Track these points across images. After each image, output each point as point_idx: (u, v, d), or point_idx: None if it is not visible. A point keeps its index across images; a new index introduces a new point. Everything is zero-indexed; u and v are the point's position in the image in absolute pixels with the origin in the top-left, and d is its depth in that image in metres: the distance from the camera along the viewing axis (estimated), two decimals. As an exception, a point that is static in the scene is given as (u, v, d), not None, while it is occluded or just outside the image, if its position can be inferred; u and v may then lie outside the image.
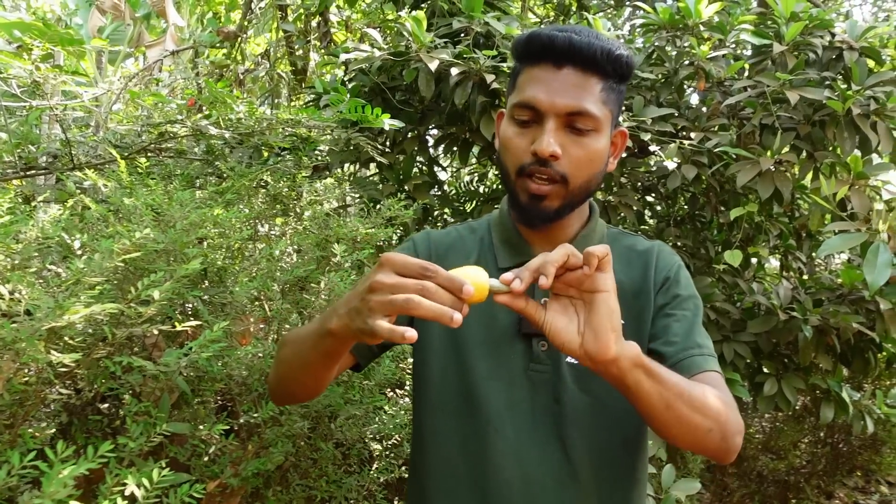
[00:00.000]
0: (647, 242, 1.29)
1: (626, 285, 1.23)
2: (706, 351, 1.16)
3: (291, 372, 1.15)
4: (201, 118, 2.37)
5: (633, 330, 1.21)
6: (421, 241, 1.32)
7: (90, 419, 1.59)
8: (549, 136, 1.12)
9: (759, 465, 3.96)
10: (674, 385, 0.98)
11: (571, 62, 1.14)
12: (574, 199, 1.18)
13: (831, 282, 3.04)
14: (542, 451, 1.17)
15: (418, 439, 1.28)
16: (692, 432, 1.02)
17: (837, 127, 2.50)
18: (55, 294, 1.29)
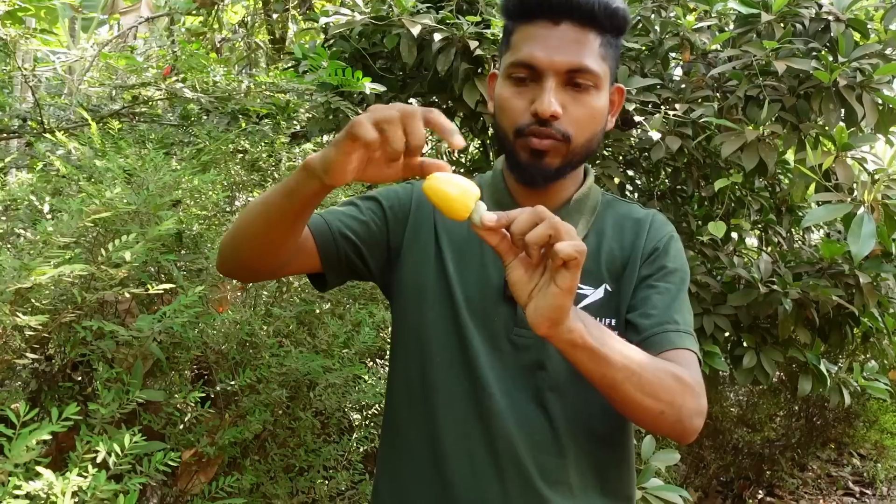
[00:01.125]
0: (642, 211, 1.26)
1: (616, 253, 1.21)
2: (682, 328, 1.13)
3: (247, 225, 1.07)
4: (176, 81, 2.30)
5: (616, 299, 1.18)
6: (418, 189, 1.27)
7: (61, 387, 1.55)
8: (550, 94, 1.08)
9: (734, 438, 4.00)
10: (622, 367, 0.96)
11: (569, 17, 1.10)
12: (575, 157, 1.14)
13: (811, 255, 3.05)
14: (524, 414, 1.15)
15: (400, 390, 1.24)
16: (641, 413, 1.01)
17: (824, 98, 2.48)
18: (22, 256, 1.24)
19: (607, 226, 1.23)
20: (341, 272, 1.22)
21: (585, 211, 1.22)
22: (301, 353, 1.71)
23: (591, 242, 1.20)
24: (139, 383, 1.37)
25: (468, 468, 1.15)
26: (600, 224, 1.23)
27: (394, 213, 1.24)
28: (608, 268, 1.20)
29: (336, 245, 1.18)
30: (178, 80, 2.37)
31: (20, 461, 0.83)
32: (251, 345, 1.71)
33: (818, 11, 2.68)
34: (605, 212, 1.25)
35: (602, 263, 1.20)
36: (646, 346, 1.09)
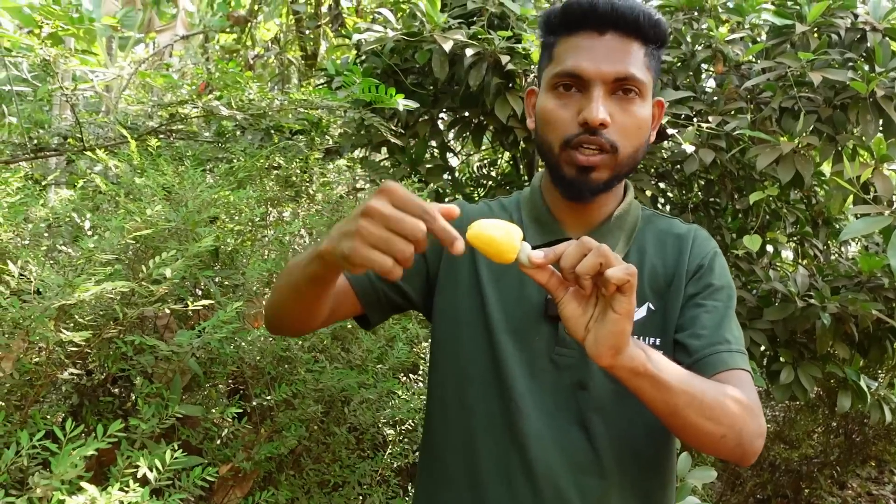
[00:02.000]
0: (684, 226, 1.25)
1: (660, 270, 1.19)
2: (734, 347, 1.11)
3: (283, 298, 1.10)
4: (212, 99, 2.33)
5: (661, 318, 1.17)
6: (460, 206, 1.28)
7: (101, 401, 1.57)
8: (598, 102, 1.08)
9: (771, 455, 3.93)
10: (683, 392, 0.95)
11: (614, 27, 1.10)
12: (622, 169, 1.13)
13: (849, 269, 3.00)
14: (564, 436, 1.13)
15: (437, 414, 1.24)
16: (702, 438, 0.99)
17: (861, 109, 2.45)
18: (65, 273, 1.26)
19: (648, 242, 1.22)
20: (384, 311, 1.24)
21: (626, 227, 1.21)
22: (336, 368, 1.71)
23: (633, 259, 1.19)
24: (178, 398, 1.39)
25: (506, 494, 1.13)
26: (641, 241, 1.22)
27: (430, 241, 1.24)
28: (651, 285, 1.18)
29: (374, 288, 1.19)
30: (213, 97, 2.41)
31: (66, 477, 0.85)
32: (286, 360, 1.73)
33: (854, 21, 2.65)
34: (646, 228, 1.24)
35: (645, 281, 1.18)
36: (698, 368, 1.08)
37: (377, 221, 0.83)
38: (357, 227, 0.83)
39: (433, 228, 0.83)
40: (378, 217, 0.83)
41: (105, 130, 2.80)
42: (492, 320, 1.17)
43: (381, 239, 0.82)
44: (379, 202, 0.84)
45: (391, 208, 0.83)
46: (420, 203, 0.84)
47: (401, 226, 0.82)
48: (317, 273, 0.98)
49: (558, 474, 1.12)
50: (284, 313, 1.13)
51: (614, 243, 1.19)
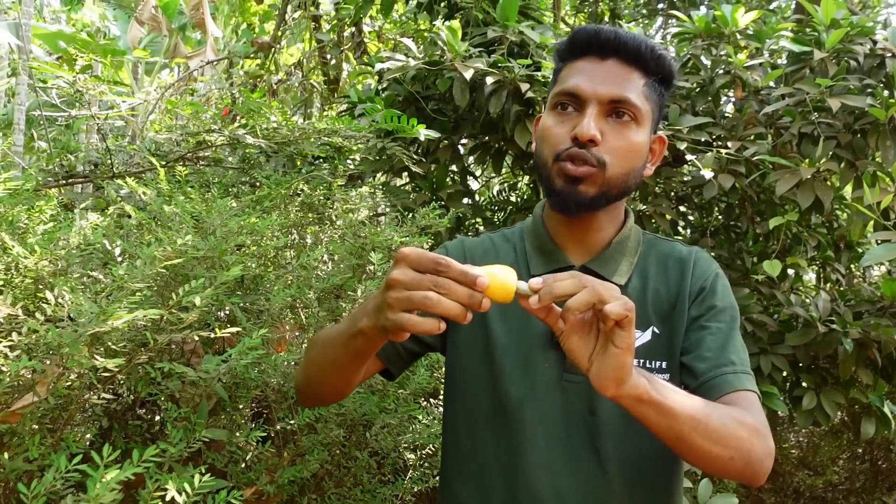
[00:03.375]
0: (685, 249, 1.27)
1: (662, 294, 1.21)
2: (739, 368, 1.12)
3: (320, 373, 1.15)
4: (238, 127, 2.39)
5: (666, 341, 1.19)
6: (454, 249, 1.31)
7: (130, 424, 1.61)
8: (590, 119, 1.11)
9: (795, 481, 3.88)
10: (689, 418, 0.96)
11: (616, 54, 1.15)
12: (611, 189, 1.15)
13: (871, 294, 2.98)
14: (576, 463, 1.15)
15: (450, 447, 1.27)
16: (710, 461, 1.00)
17: (880, 135, 2.45)
18: (98, 300, 1.30)
19: (651, 266, 1.24)
20: (404, 363, 1.28)
21: (628, 252, 1.23)
22: (357, 393, 1.74)
23: (636, 284, 1.21)
24: (205, 423, 1.42)
25: None
26: (644, 265, 1.24)
27: None
28: (655, 309, 1.20)
29: (392, 344, 1.23)
30: (239, 125, 2.47)
31: (102, 501, 0.88)
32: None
33: (873, 47, 2.66)
34: (648, 252, 1.26)
35: (648, 305, 1.20)
36: (705, 390, 1.10)
37: (401, 289, 0.87)
38: (386, 300, 0.89)
39: (452, 276, 0.87)
40: (399, 285, 0.88)
41: (133, 157, 2.87)
42: (499, 351, 1.20)
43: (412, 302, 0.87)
44: (398, 272, 0.89)
45: (410, 273, 0.88)
46: (433, 257, 0.88)
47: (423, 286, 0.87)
48: (359, 349, 1.02)
49: (570, 500, 1.14)
50: (324, 387, 1.18)
51: (616, 268, 1.21)
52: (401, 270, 0.89)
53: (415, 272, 0.88)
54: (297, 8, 5.46)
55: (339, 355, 1.07)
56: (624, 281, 1.20)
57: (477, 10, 3.16)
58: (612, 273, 1.20)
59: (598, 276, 1.19)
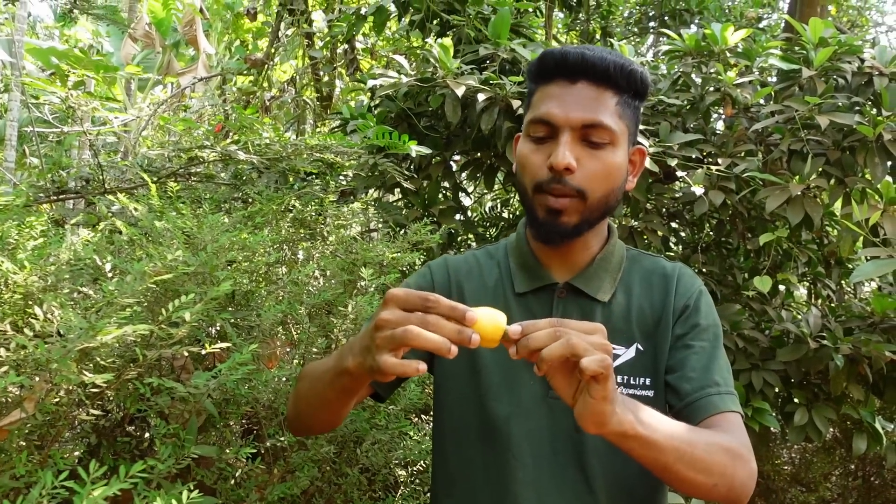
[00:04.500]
0: (669, 265, 1.27)
1: (647, 311, 1.22)
2: (723, 389, 1.14)
3: (309, 407, 1.16)
4: (230, 143, 2.39)
5: (650, 358, 1.19)
6: (437, 269, 1.31)
7: (118, 441, 1.60)
8: (564, 148, 1.11)
9: (788, 498, 3.87)
10: (673, 449, 0.97)
11: (585, 76, 1.14)
12: (592, 214, 1.16)
13: (862, 310, 2.99)
14: (562, 480, 1.15)
15: (439, 464, 1.27)
16: (693, 489, 1.02)
17: (868, 152, 2.47)
18: (87, 315, 1.30)
19: (635, 283, 1.24)
20: (393, 386, 1.30)
21: (611, 269, 1.24)
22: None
23: (620, 301, 1.22)
24: (194, 439, 1.41)
25: None
26: (628, 281, 1.24)
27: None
28: (639, 327, 1.20)
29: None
30: (231, 141, 2.47)
31: (88, 517, 0.87)
32: (300, 400, 1.74)
33: (861, 66, 2.69)
34: (632, 268, 1.26)
35: (633, 322, 1.21)
36: (689, 412, 1.11)
37: (388, 329, 0.87)
38: (374, 340, 0.89)
39: (441, 312, 0.87)
40: (388, 325, 0.88)
41: (125, 173, 2.86)
42: (485, 369, 1.20)
43: (396, 341, 0.86)
44: (386, 312, 0.89)
45: (399, 312, 0.88)
46: (421, 295, 0.88)
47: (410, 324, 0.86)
48: (346, 386, 1.03)
49: None
50: (313, 421, 1.19)
51: (599, 285, 1.21)
52: (389, 311, 0.89)
53: (402, 311, 0.88)
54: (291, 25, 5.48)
55: (326, 392, 1.08)
56: (607, 297, 1.21)
57: (469, 28, 3.19)
58: (596, 290, 1.21)
59: (582, 292, 1.20)
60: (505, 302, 1.23)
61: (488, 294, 1.25)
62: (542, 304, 1.21)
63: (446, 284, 1.27)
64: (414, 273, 1.34)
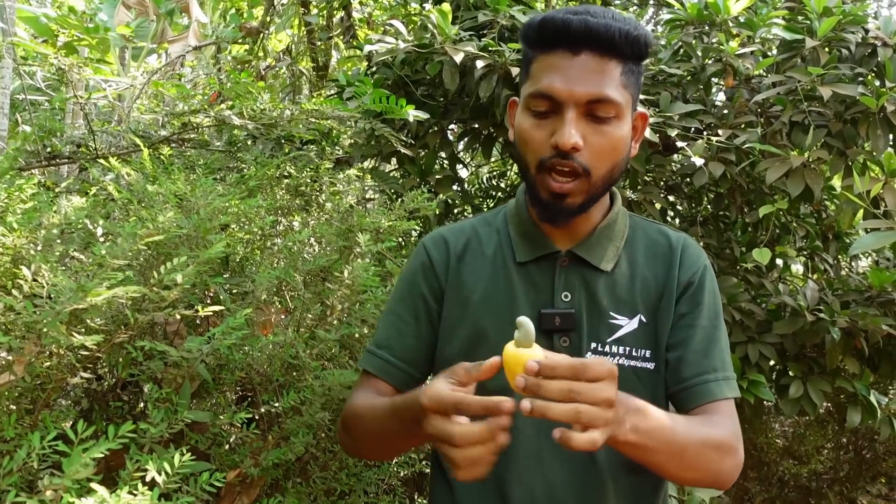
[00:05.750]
0: (673, 235, 1.25)
1: (650, 283, 1.20)
2: (721, 375, 1.14)
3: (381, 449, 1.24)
4: (224, 109, 2.35)
5: (652, 331, 1.18)
6: (434, 247, 1.27)
7: (111, 406, 1.58)
8: (570, 126, 1.07)
9: (780, 471, 3.90)
10: (666, 452, 0.99)
11: (589, 47, 1.08)
12: (597, 191, 1.14)
13: (859, 283, 2.99)
14: (566, 453, 1.13)
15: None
16: (680, 481, 1.09)
17: (870, 124, 2.45)
18: (78, 278, 1.27)
19: (639, 252, 1.22)
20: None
21: (614, 237, 1.21)
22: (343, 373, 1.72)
23: (624, 271, 1.20)
24: (187, 403, 1.40)
25: None
26: (632, 250, 1.22)
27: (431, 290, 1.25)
28: (643, 298, 1.19)
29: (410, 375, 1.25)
30: (225, 107, 2.43)
31: (77, 477, 0.85)
32: (294, 367, 1.73)
33: (864, 36, 2.65)
34: (635, 236, 1.24)
35: (637, 293, 1.19)
36: (686, 396, 1.13)
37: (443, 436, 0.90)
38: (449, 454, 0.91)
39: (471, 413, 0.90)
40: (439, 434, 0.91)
41: (117, 139, 2.82)
42: (487, 340, 1.18)
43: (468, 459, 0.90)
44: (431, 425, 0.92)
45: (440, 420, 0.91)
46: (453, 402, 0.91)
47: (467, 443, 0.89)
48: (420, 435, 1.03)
49: (559, 492, 1.13)
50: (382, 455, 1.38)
51: (602, 254, 1.19)
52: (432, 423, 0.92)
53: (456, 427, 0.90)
54: (286, -8, 5.40)
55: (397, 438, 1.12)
56: (610, 266, 1.19)
57: (468, -6, 3.13)
58: (599, 259, 1.19)
59: (585, 261, 1.18)
60: (505, 271, 1.21)
61: (487, 264, 1.23)
62: (544, 273, 1.19)
63: (443, 262, 1.25)
64: (410, 256, 1.31)
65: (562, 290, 1.17)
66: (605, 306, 1.17)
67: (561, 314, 1.16)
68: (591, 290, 1.18)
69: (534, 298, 1.18)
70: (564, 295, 1.17)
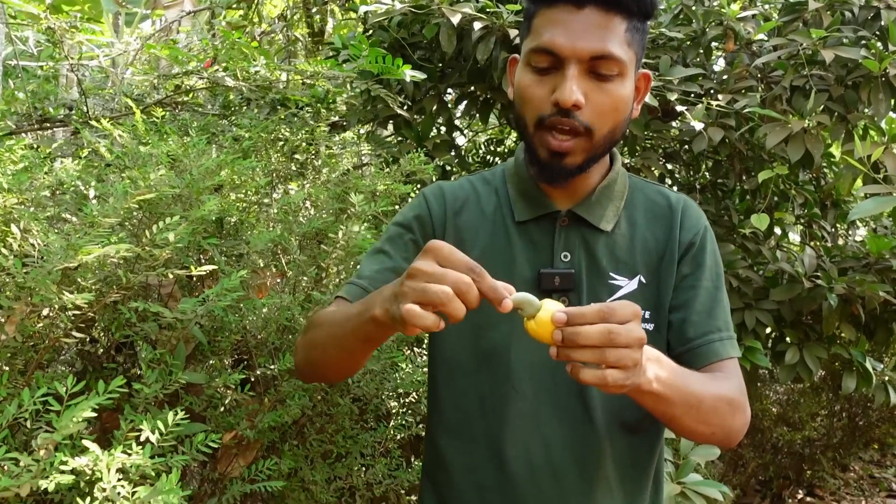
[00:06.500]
0: (673, 196, 1.24)
1: (651, 244, 1.19)
2: (725, 335, 1.14)
3: (325, 355, 1.09)
4: (218, 70, 2.31)
5: (653, 292, 1.17)
6: (433, 197, 1.24)
7: (106, 368, 1.57)
8: (572, 83, 1.04)
9: (774, 437, 3.93)
10: (682, 404, 0.98)
11: (593, 1, 1.05)
12: (598, 151, 1.11)
13: (857, 251, 2.98)
14: (563, 410, 1.14)
15: (434, 397, 1.24)
16: (692, 436, 1.06)
17: (872, 88, 2.42)
18: (69, 237, 1.26)
19: (639, 213, 1.21)
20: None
21: (614, 197, 1.20)
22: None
23: (624, 231, 1.19)
24: (181, 365, 1.39)
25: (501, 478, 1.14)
26: (631, 211, 1.21)
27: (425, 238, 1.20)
28: (643, 259, 1.18)
29: None
30: (219, 69, 2.39)
31: (67, 432, 0.84)
32: (290, 330, 1.72)
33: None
34: (634, 196, 1.22)
35: (637, 254, 1.18)
36: (690, 356, 1.11)
37: (421, 280, 0.83)
38: (403, 288, 0.84)
39: (481, 287, 0.84)
40: (421, 276, 0.83)
41: (111, 102, 2.78)
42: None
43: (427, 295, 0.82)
44: (424, 262, 0.84)
45: (435, 266, 0.84)
46: (467, 260, 0.84)
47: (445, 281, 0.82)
48: (370, 334, 0.98)
49: (556, 452, 1.13)
50: (329, 369, 1.14)
51: (602, 214, 1.17)
52: (426, 262, 0.84)
53: (439, 267, 0.84)
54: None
55: (348, 339, 1.02)
56: (610, 227, 1.17)
57: (465, -45, 3.07)
58: (599, 219, 1.17)
59: (585, 221, 1.17)
60: (505, 231, 1.19)
61: (486, 222, 1.21)
62: (544, 233, 1.18)
63: (442, 215, 1.23)
64: (408, 203, 1.28)
65: (561, 250, 1.16)
66: (605, 267, 1.16)
67: (560, 274, 1.15)
68: (590, 251, 1.16)
69: (533, 258, 1.17)
70: (564, 255, 1.16)
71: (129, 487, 0.97)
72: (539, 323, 0.85)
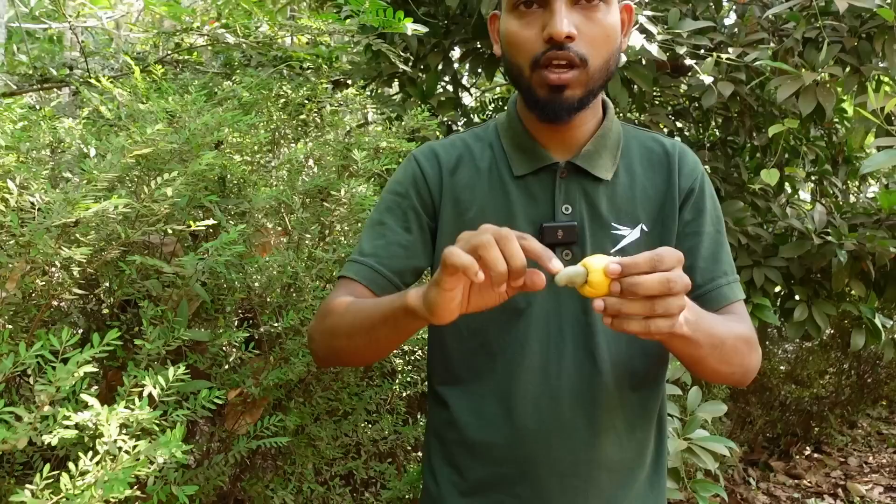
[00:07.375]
0: (668, 142, 1.22)
1: (650, 192, 1.17)
2: (731, 278, 1.16)
3: (352, 345, 1.09)
4: (219, 27, 2.28)
5: (656, 239, 1.16)
6: (425, 159, 1.22)
7: (109, 325, 1.57)
8: (561, 15, 1.03)
9: (782, 395, 3.94)
10: (709, 345, 0.99)
11: None
12: (595, 83, 1.09)
13: (868, 207, 2.94)
14: (570, 363, 1.13)
15: (438, 355, 1.23)
16: (714, 376, 1.08)
17: (887, 38, 2.36)
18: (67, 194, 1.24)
19: (636, 161, 1.20)
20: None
21: (610, 146, 1.18)
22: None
23: (623, 181, 1.17)
24: (185, 321, 1.38)
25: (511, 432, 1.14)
26: (628, 160, 1.20)
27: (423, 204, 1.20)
28: (643, 207, 1.17)
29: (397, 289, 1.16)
30: (220, 25, 2.35)
31: (65, 384, 0.84)
32: (295, 288, 1.71)
33: (884, -54, 2.53)
34: (630, 145, 1.21)
35: (637, 202, 1.17)
36: (701, 302, 1.09)
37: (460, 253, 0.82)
38: (442, 266, 0.83)
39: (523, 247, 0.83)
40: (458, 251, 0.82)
41: (112, 62, 2.75)
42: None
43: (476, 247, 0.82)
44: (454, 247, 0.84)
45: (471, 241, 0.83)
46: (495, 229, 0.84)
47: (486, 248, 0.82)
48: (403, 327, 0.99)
49: (564, 405, 1.12)
50: (353, 357, 1.15)
51: (601, 163, 1.16)
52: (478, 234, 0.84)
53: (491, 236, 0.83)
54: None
55: (377, 329, 1.03)
56: (610, 176, 1.16)
57: None
58: (599, 168, 1.15)
59: (584, 171, 1.15)
60: (502, 186, 1.17)
61: (483, 179, 1.19)
62: (544, 186, 1.16)
63: (436, 176, 1.20)
64: (400, 168, 1.25)
65: (562, 203, 1.14)
66: (607, 217, 1.14)
67: (563, 227, 1.13)
68: (591, 201, 1.15)
69: (533, 213, 1.15)
70: (565, 207, 1.14)
71: (132, 442, 0.97)
72: (594, 285, 0.84)
